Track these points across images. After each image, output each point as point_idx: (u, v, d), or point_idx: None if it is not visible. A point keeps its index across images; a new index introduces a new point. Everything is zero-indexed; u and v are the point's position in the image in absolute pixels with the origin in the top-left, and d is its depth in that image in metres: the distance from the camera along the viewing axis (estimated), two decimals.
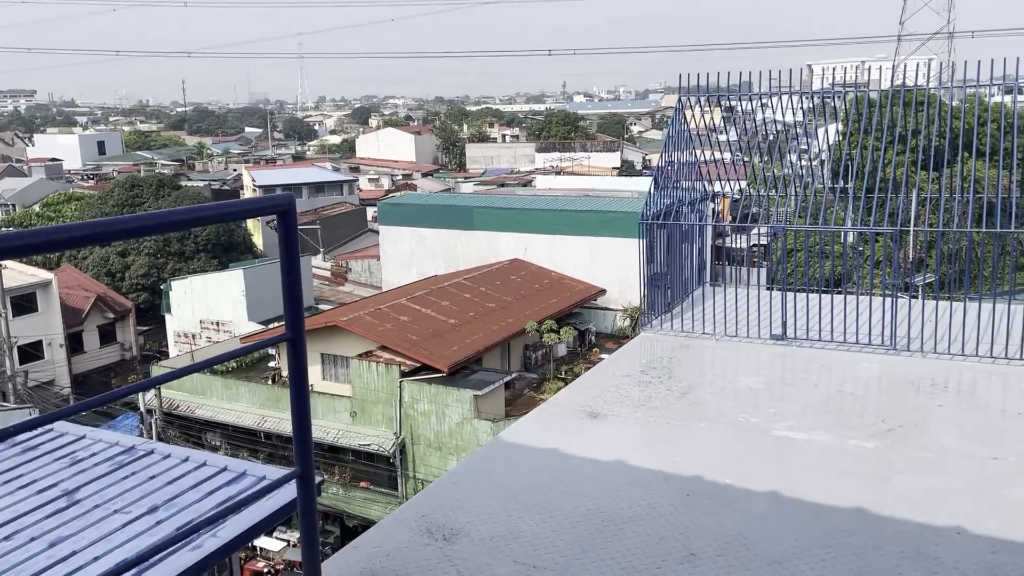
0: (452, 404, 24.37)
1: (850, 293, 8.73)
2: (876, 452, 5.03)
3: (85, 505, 8.25)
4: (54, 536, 7.60)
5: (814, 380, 6.69)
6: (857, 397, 6.25)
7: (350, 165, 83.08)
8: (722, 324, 7.76)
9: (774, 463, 4.89)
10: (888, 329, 7.16)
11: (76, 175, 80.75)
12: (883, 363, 6.92)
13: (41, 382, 35.11)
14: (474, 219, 36.89)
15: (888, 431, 5.33)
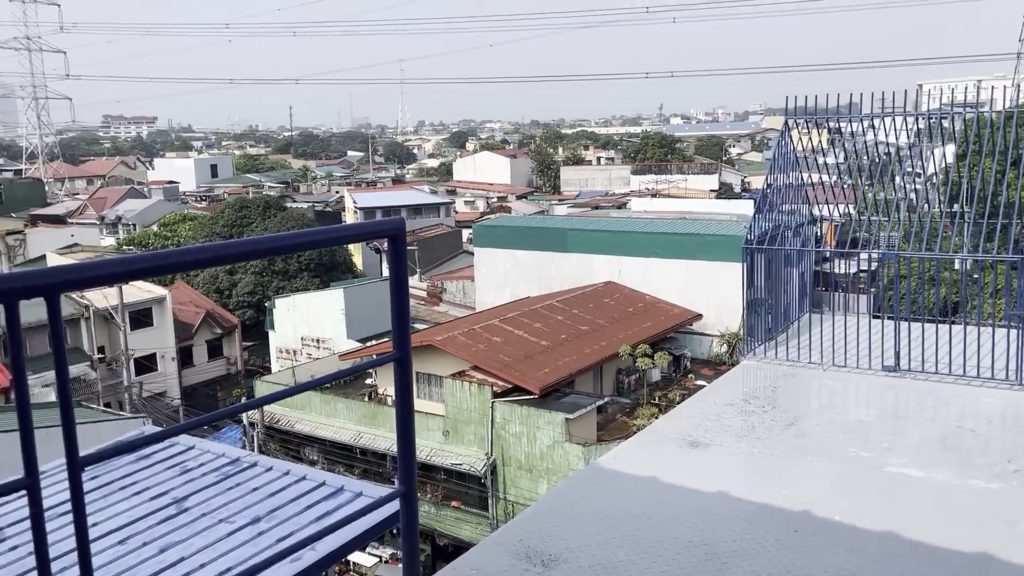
0: (543, 427, 24.28)
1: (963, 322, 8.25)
2: (1001, 494, 4.70)
3: (193, 513, 8.57)
4: (164, 542, 7.92)
5: (930, 414, 6.33)
6: (979, 434, 5.87)
7: (447, 188, 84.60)
8: (829, 353, 7.45)
9: (888, 501, 4.63)
10: (1013, 362, 6.72)
11: (191, 196, 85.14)
12: (1008, 399, 6.49)
13: (154, 393, 36.94)
14: (568, 241, 36.88)
15: (1015, 472, 4.98)
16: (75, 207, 73.81)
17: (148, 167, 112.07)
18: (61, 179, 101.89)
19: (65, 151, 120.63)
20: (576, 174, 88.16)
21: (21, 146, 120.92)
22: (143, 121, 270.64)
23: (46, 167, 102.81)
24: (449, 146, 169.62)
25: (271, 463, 10.13)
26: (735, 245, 33.02)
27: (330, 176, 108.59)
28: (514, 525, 4.32)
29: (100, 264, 1.69)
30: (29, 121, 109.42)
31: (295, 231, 2.30)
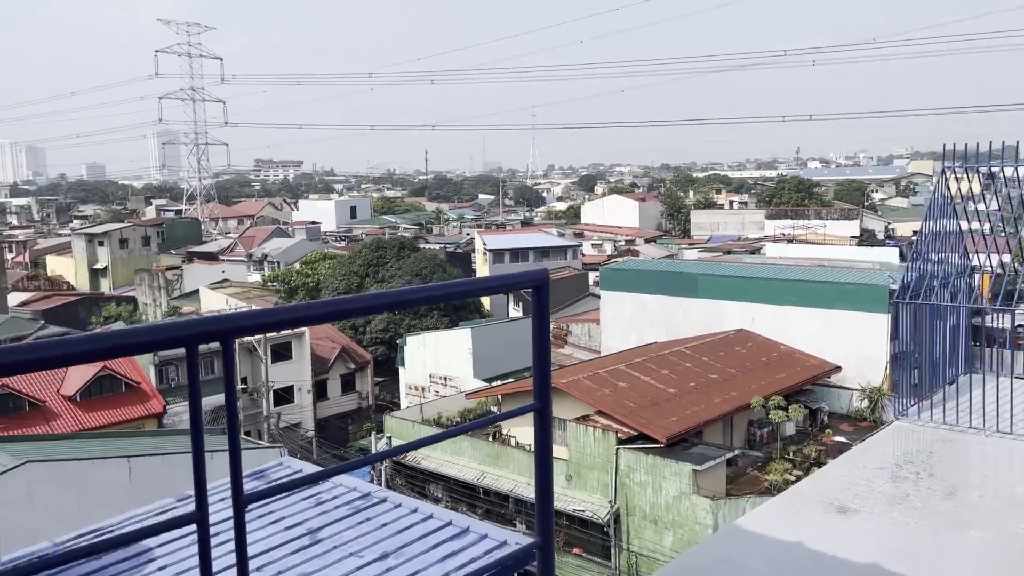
0: (670, 477, 23.62)
1: None
2: None
3: (325, 545, 8.82)
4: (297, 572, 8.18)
5: None
6: None
7: (575, 231, 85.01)
8: (992, 417, 6.87)
9: None
10: None
11: (331, 236, 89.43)
12: None
13: (290, 424, 38.59)
14: (698, 286, 36.10)
15: None
16: (226, 245, 78.98)
17: (293, 208, 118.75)
18: (215, 219, 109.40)
19: (220, 193, 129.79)
20: (707, 218, 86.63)
21: (183, 188, 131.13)
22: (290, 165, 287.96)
23: (203, 207, 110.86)
24: (578, 189, 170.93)
25: (400, 500, 10.32)
26: (878, 295, 31.46)
27: (462, 218, 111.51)
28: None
29: (270, 312, 1.77)
30: (190, 165, 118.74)
31: (447, 282, 2.35)
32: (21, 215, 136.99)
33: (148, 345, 1.56)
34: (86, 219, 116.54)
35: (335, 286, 50.23)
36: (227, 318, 1.67)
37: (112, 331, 1.59)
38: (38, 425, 29.93)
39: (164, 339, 1.58)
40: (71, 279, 76.58)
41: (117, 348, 1.53)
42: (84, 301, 61.12)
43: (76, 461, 17.92)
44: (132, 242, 78.79)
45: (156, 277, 64.14)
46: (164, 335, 1.58)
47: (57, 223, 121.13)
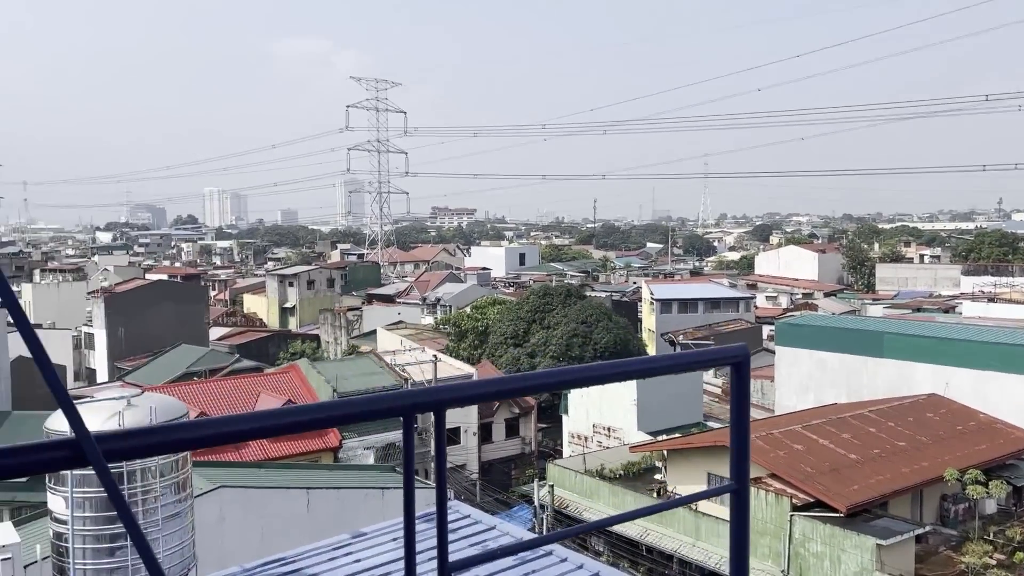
0: (850, 550, 21.97)
1: None
2: None
3: None
4: None
5: None
6: None
7: (747, 282, 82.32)
8: None
9: None
10: None
11: (500, 282, 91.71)
12: None
13: (455, 465, 39.44)
14: (884, 345, 33.79)
15: None
16: (403, 288, 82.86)
17: (465, 254, 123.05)
18: (394, 263, 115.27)
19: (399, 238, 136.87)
20: (894, 272, 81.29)
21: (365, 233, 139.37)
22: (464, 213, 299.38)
23: (383, 252, 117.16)
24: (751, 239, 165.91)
25: (566, 553, 10.20)
26: None
27: (628, 267, 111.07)
28: None
29: (478, 384, 1.82)
30: (373, 212, 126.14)
31: (642, 358, 2.33)
32: (224, 256, 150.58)
33: (367, 415, 1.64)
34: (279, 261, 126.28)
35: (503, 331, 51.25)
36: (439, 390, 1.72)
37: (334, 401, 1.69)
38: (230, 452, 32.35)
39: (383, 409, 1.66)
40: (263, 316, 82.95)
41: (339, 418, 1.62)
42: (274, 337, 65.90)
43: (263, 489, 19.14)
44: (318, 283, 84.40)
45: (338, 317, 68.18)
46: (383, 405, 1.65)
47: (254, 264, 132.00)
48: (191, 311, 61.01)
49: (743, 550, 2.51)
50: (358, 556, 9.22)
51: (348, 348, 60.87)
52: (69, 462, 1.20)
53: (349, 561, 9.02)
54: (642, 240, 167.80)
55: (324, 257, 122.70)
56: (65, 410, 1.25)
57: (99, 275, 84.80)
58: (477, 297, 64.80)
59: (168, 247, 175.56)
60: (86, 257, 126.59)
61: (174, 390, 34.55)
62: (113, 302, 58.84)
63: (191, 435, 1.36)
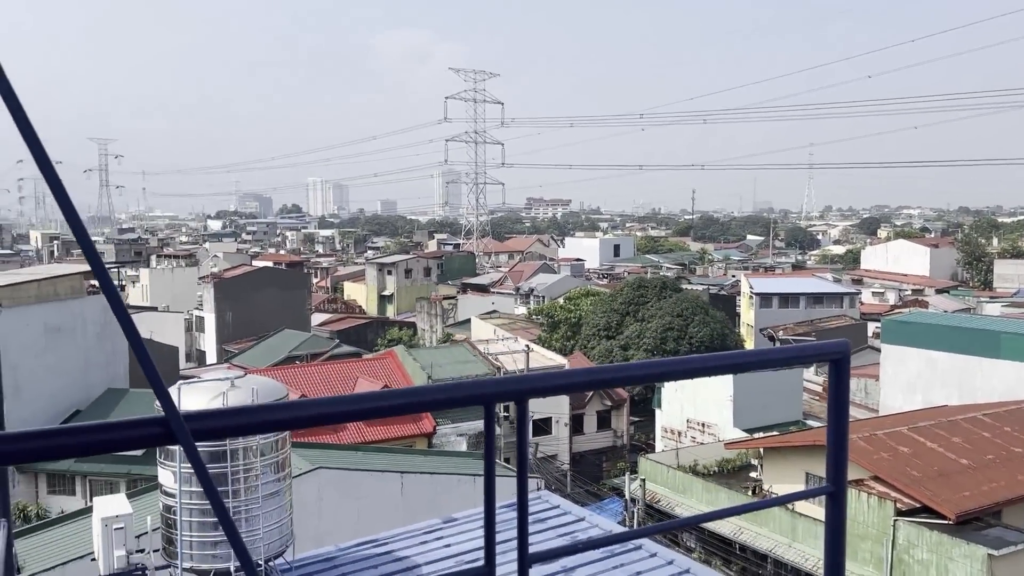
0: (958, 559, 20.90)
1: None
2: None
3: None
4: None
5: None
6: None
7: (852, 277, 79.21)
8: None
9: None
10: None
11: (594, 273, 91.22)
12: None
13: (546, 455, 39.55)
14: (1001, 346, 31.89)
15: None
16: (497, 278, 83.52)
17: (559, 245, 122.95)
18: (488, 253, 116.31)
19: (494, 229, 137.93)
20: (1015, 269, 76.54)
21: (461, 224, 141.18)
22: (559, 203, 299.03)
23: (478, 242, 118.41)
24: (857, 232, 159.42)
25: (655, 548, 10.07)
26: None
27: (727, 259, 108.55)
28: None
29: (560, 375, 1.79)
30: (469, 203, 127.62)
31: (734, 352, 2.25)
32: (326, 245, 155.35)
33: (451, 402, 1.64)
34: (378, 250, 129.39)
35: (596, 322, 50.98)
36: (520, 379, 1.70)
37: (419, 387, 1.69)
38: (328, 434, 33.41)
39: (465, 397, 1.65)
40: (363, 303, 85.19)
41: (424, 404, 1.62)
42: (372, 324, 67.60)
43: (360, 472, 19.68)
44: (415, 272, 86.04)
45: (434, 305, 69.35)
46: (466, 393, 1.65)
47: (354, 253, 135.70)
48: (294, 297, 63.25)
49: (839, 555, 2.41)
50: (448, 541, 9.36)
51: (443, 336, 61.85)
52: (158, 439, 1.24)
53: (439, 545, 9.16)
54: (742, 232, 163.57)
55: (421, 247, 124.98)
56: (156, 389, 1.29)
57: (209, 261, 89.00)
58: (570, 288, 64.68)
59: (273, 235, 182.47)
60: (198, 244, 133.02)
61: (276, 373, 35.94)
62: (222, 287, 61.60)
63: (275, 417, 1.39)
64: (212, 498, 1.27)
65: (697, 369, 2.01)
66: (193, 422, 1.28)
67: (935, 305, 60.58)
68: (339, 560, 8.75)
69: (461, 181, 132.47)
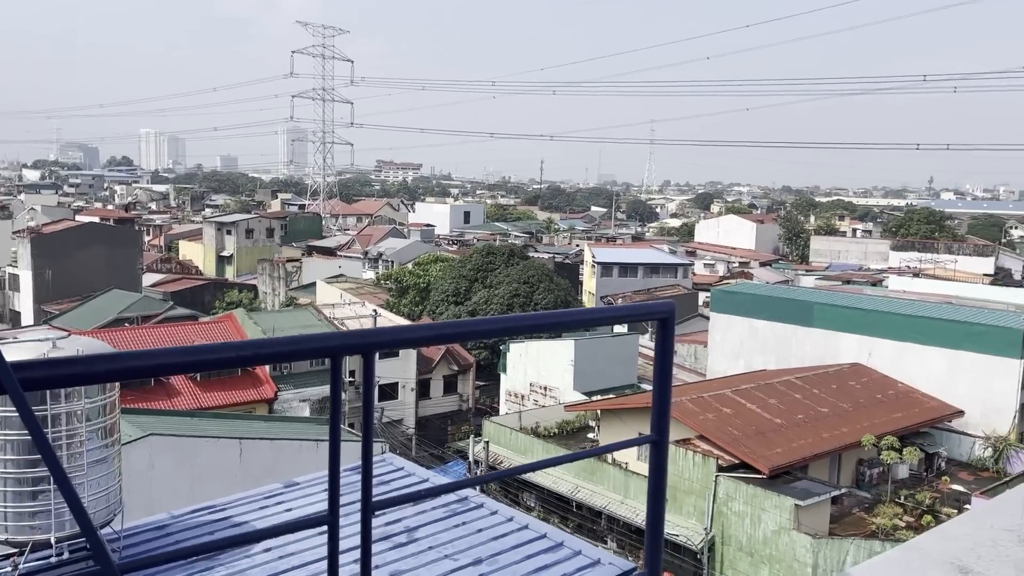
0: (770, 510, 22.86)
1: None
2: None
3: (422, 544, 8.99)
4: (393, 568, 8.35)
5: None
6: None
7: (687, 249, 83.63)
8: None
9: None
10: None
11: (444, 240, 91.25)
12: None
13: (392, 419, 39.54)
14: (813, 315, 34.84)
15: None
16: (344, 241, 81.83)
17: (410, 210, 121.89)
18: (336, 215, 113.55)
19: (342, 191, 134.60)
20: (828, 245, 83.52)
21: (307, 184, 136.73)
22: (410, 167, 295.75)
23: (325, 204, 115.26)
24: (693, 207, 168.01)
25: (496, 507, 10.39)
26: (1012, 338, 29.53)
27: (572, 229, 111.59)
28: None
29: (408, 329, 1.84)
30: (316, 162, 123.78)
31: (571, 310, 2.37)
32: (159, 201, 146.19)
33: (294, 354, 1.65)
34: (217, 208, 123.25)
35: (445, 288, 51.19)
36: (370, 332, 1.74)
37: (261, 339, 1.69)
38: (161, 400, 31.81)
39: (311, 349, 1.67)
40: (199, 264, 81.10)
41: (268, 356, 1.62)
42: (210, 286, 64.57)
43: (194, 438, 18.92)
44: (257, 233, 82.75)
45: (277, 268, 67.11)
46: (311, 345, 1.67)
47: (191, 210, 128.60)
48: (123, 256, 59.25)
49: (660, 500, 2.61)
50: (289, 505, 9.25)
51: (286, 300, 60.08)
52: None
53: (280, 510, 9.04)
54: (587, 203, 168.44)
55: (264, 206, 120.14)
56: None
57: (26, 214, 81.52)
58: (420, 253, 64.45)
59: (100, 189, 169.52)
60: (11, 195, 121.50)
61: (104, 335, 33.71)
62: (40, 243, 56.72)
63: (112, 366, 1.36)
64: (48, 459, 1.23)
65: (537, 325, 2.12)
66: (22, 371, 1.24)
67: (759, 277, 65.14)
68: (172, 528, 8.46)
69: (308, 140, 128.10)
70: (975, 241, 76.95)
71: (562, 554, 9.07)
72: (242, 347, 1.60)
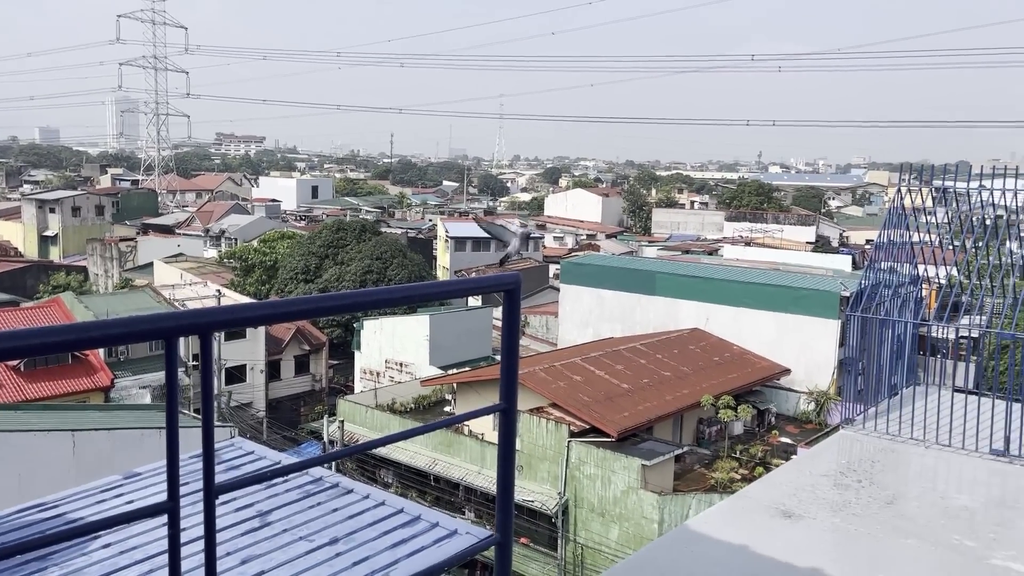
0: (619, 471, 23.93)
1: None
2: None
3: (275, 528, 8.79)
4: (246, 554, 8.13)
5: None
6: None
7: (537, 222, 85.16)
8: (933, 430, 7.12)
9: None
10: None
11: (291, 215, 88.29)
12: None
13: (241, 403, 38.16)
14: (656, 284, 36.53)
15: None
16: (183, 219, 77.55)
17: (253, 185, 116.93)
18: (173, 191, 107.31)
19: (179, 165, 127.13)
20: (668, 217, 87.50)
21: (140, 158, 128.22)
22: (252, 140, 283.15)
23: (160, 179, 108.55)
24: (542, 181, 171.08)
25: (352, 485, 10.31)
26: (830, 301, 32.13)
27: (424, 204, 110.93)
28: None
29: (247, 307, 1.80)
30: (149, 135, 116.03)
31: (421, 283, 2.38)
32: None
33: (126, 337, 1.58)
34: (37, 184, 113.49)
35: (293, 266, 49.68)
36: (205, 312, 1.69)
37: (87, 322, 1.60)
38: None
39: (143, 331, 1.60)
40: (19, 245, 74.60)
41: (95, 340, 1.54)
42: (32, 268, 59.58)
43: (20, 432, 17.53)
44: (85, 210, 76.99)
45: (109, 248, 62.78)
46: (143, 327, 1.59)
47: (6, 187, 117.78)
48: None
49: (510, 467, 2.69)
50: (130, 497, 8.78)
51: (121, 282, 56.36)
52: None
53: (120, 503, 8.55)
54: (438, 178, 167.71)
55: (92, 182, 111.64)
56: None
57: None
58: (266, 230, 62.14)
59: None
60: None
61: None
62: None
63: None
64: None
65: (385, 300, 2.11)
66: None
67: (605, 249, 67.43)
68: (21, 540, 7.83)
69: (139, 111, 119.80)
70: (799, 211, 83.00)
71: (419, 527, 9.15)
72: (66, 331, 1.50)
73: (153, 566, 7.77)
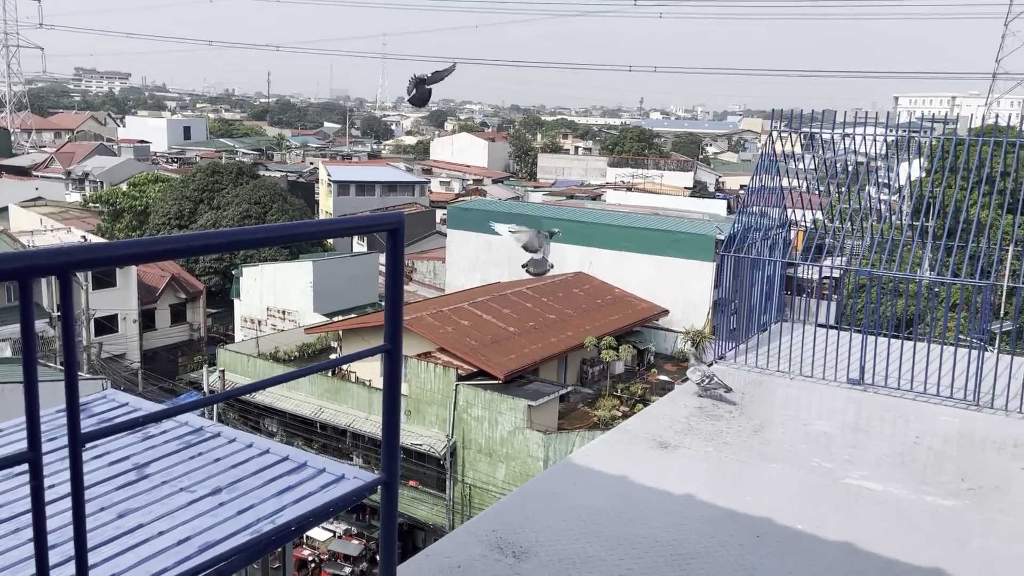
0: (506, 412, 24.42)
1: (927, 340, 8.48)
2: (955, 511, 4.86)
3: (153, 480, 8.52)
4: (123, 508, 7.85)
5: (890, 430, 6.50)
6: (936, 452, 6.05)
7: (423, 167, 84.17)
8: (797, 363, 7.60)
9: (846, 512, 4.77)
10: (972, 383, 6.92)
11: (162, 157, 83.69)
12: (964, 418, 6.68)
13: (113, 355, 36.43)
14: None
15: (968, 490, 5.15)
16: (41, 160, 72.23)
17: (119, 124, 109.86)
18: (28, 130, 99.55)
19: (34, 102, 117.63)
20: (553, 162, 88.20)
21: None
22: (116, 77, 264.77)
23: (13, 117, 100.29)
24: (427, 125, 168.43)
25: (234, 435, 10.08)
26: (706, 244, 33.45)
27: (305, 146, 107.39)
28: (487, 516, 4.38)
29: (111, 245, 1.69)
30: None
31: (299, 222, 2.31)
32: None
33: None
34: None
35: (166, 211, 47.30)
36: (63, 251, 1.58)
37: None
38: None
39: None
40: None
41: None
42: None
43: None
44: None
45: None
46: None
47: None
48: None
49: (395, 410, 2.69)
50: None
51: None
52: None
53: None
54: (319, 119, 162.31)
55: None
56: None
57: None
58: (135, 173, 58.76)
59: None
60: None
61: None
62: None
63: None
64: None
65: (262, 239, 2.04)
66: None
67: (492, 194, 67.47)
68: None
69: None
70: (678, 157, 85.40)
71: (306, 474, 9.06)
72: None
73: (19, 524, 7.41)
